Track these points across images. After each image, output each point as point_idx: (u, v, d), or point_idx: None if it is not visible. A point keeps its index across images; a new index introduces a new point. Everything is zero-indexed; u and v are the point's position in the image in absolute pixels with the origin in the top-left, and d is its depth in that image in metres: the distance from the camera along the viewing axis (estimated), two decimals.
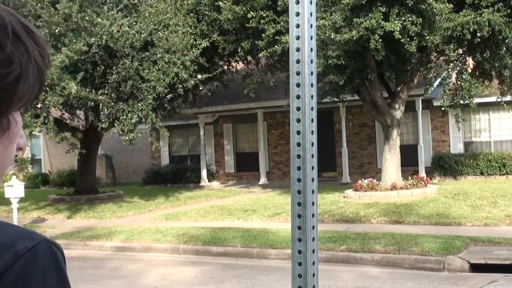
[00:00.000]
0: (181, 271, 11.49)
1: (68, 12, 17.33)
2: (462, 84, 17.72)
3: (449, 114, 23.29)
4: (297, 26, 1.82)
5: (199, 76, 21.11)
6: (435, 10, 15.22)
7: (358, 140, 26.19)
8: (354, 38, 15.40)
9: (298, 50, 1.82)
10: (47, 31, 17.33)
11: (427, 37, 15.68)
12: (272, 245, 12.60)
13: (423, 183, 18.52)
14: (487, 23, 15.43)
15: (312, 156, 1.83)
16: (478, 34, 15.64)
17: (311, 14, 1.82)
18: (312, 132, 1.82)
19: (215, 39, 20.63)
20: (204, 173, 28.32)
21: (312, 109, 1.82)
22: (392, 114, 18.49)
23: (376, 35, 15.27)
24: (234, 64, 24.70)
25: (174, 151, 31.50)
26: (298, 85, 1.81)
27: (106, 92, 18.59)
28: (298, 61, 1.82)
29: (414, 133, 24.63)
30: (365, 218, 15.08)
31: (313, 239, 1.86)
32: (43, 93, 16.63)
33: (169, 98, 22.43)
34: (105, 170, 32.95)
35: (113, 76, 18.35)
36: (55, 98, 17.13)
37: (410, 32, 15.37)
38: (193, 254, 13.05)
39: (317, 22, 15.21)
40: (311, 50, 1.82)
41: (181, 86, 19.42)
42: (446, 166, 23.39)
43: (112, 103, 18.73)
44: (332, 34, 15.74)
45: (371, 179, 18.96)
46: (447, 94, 18.01)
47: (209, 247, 13.10)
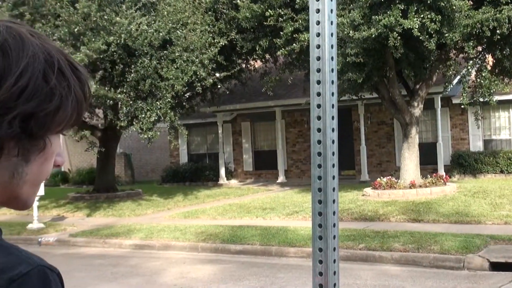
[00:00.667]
0: (200, 269, 11.51)
1: (87, 11, 17.43)
2: (482, 81, 17.61)
3: (468, 112, 23.15)
4: (318, 23, 1.81)
5: (217, 75, 21.15)
6: (454, 7, 15.13)
7: (376, 138, 26.10)
8: (373, 35, 15.35)
9: (318, 47, 1.81)
10: (66, 30, 17.42)
11: (446, 35, 15.60)
12: (291, 243, 12.58)
13: (442, 181, 18.43)
14: (507, 20, 15.33)
15: (333, 153, 1.82)
16: (498, 31, 15.53)
17: (331, 11, 1.81)
18: (333, 130, 1.81)
19: (233, 37, 20.65)
20: (222, 172, 28.35)
21: (332, 106, 1.81)
22: (411, 112, 18.41)
23: (395, 32, 15.21)
24: (252, 62, 24.72)
25: (192, 149, 31.57)
26: (319, 82, 1.81)
27: (124, 90, 18.66)
28: (318, 58, 1.81)
29: (433, 131, 24.50)
30: (384, 216, 15.03)
31: (334, 237, 1.85)
32: None
33: (187, 96, 22.46)
34: (124, 168, 33.09)
35: (132, 75, 18.42)
36: None
37: (429, 30, 15.29)
38: (212, 252, 13.07)
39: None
40: (332, 47, 1.81)
41: (199, 84, 19.46)
42: (465, 164, 23.24)
43: (131, 102, 18.79)
44: (351, 31, 15.70)
45: (390, 177, 18.89)
46: (466, 92, 17.90)
47: (227, 245, 13.11)
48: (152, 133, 18.64)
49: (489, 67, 18.21)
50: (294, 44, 17.29)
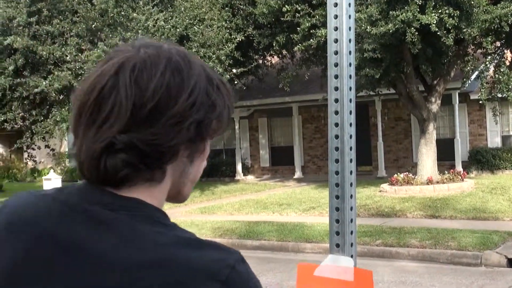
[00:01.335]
0: None
1: (104, 7, 17.48)
2: (500, 77, 17.47)
3: (486, 108, 22.99)
4: (335, 17, 1.80)
5: (234, 70, 21.13)
6: (472, 2, 15.02)
7: (393, 134, 25.99)
8: (390, 31, 15.28)
9: (336, 41, 1.80)
10: (83, 26, 17.50)
11: (464, 30, 15.49)
12: (308, 239, 12.58)
13: (460, 178, 18.32)
14: None
15: (351, 148, 1.81)
16: None
17: (349, 5, 1.80)
18: (351, 125, 1.80)
19: (250, 33, 20.64)
20: (239, 167, 28.35)
21: (350, 101, 1.80)
22: (428, 108, 18.32)
23: (413, 28, 15.13)
24: (269, 58, 24.68)
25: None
26: (336, 76, 1.79)
27: None
28: (336, 52, 1.80)
29: (450, 127, 24.35)
30: (401, 212, 14.97)
31: (351, 232, 1.85)
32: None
33: None
34: None
35: None
36: None
37: (447, 25, 15.19)
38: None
39: None
40: (350, 41, 1.80)
41: None
42: (483, 160, 23.07)
43: None
44: (368, 27, 15.63)
45: (407, 173, 18.81)
46: (484, 88, 17.78)
47: (244, 240, 13.12)
48: None
49: (507, 63, 18.07)
50: (311, 40, 17.23)
